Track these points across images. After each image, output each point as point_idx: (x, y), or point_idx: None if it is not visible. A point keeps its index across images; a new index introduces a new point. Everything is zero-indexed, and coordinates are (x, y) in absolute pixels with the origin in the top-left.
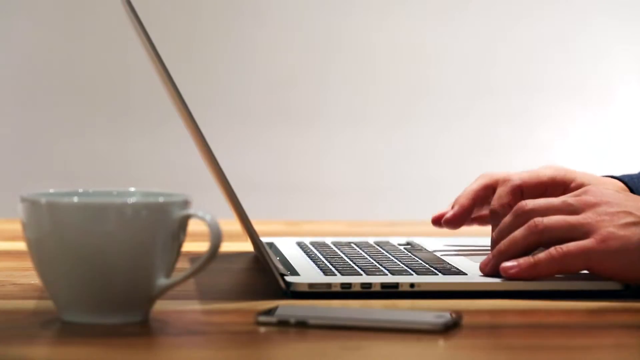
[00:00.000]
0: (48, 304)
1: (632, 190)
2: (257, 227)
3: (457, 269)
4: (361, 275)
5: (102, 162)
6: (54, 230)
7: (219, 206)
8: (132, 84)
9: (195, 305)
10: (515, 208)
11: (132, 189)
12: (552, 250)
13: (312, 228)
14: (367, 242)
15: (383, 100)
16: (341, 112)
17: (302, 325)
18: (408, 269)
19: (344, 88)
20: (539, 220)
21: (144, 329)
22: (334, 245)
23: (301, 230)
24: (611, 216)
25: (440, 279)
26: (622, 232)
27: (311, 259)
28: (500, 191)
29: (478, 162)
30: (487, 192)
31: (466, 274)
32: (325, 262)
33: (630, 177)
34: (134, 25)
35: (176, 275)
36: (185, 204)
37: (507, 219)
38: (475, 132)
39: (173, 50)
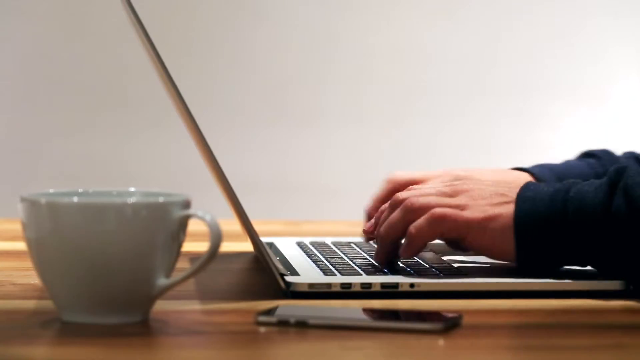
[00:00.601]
0: (48, 304)
1: (539, 181)
2: (257, 227)
3: (457, 269)
4: (361, 275)
5: (102, 162)
6: (54, 230)
7: (219, 206)
8: (132, 84)
9: (195, 305)
10: (390, 200)
11: (132, 189)
12: (435, 211)
13: (312, 228)
14: (367, 242)
15: (383, 100)
16: (341, 111)
17: (302, 325)
18: (408, 269)
19: (343, 88)
20: (415, 199)
21: (144, 329)
22: (334, 245)
23: (301, 230)
24: (484, 198)
25: (440, 279)
26: (496, 210)
27: (311, 259)
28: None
29: (477, 162)
30: (391, 196)
31: (466, 274)
32: (325, 262)
33: (541, 167)
34: (134, 25)
35: (176, 275)
36: (185, 204)
37: (385, 212)
38: (475, 131)
39: (173, 50)
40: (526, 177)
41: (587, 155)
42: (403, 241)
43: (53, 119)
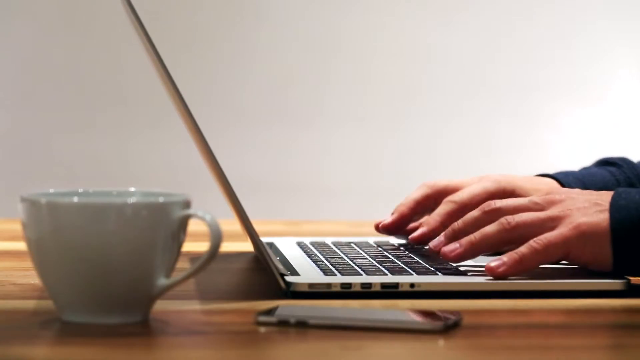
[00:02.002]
0: (48, 304)
1: (563, 186)
2: (257, 227)
3: (457, 269)
4: (361, 275)
5: (102, 162)
6: (54, 230)
7: (219, 206)
8: (132, 84)
9: (195, 305)
10: (483, 205)
11: (132, 189)
12: (533, 242)
13: (312, 228)
14: (367, 242)
15: (383, 100)
16: (341, 111)
17: (302, 325)
18: (408, 269)
19: (343, 88)
20: (510, 218)
21: (144, 329)
22: (334, 245)
23: (301, 230)
24: (578, 208)
25: (440, 279)
26: (592, 219)
27: (311, 259)
28: (440, 210)
29: (478, 162)
30: (427, 201)
31: (466, 274)
32: (325, 262)
33: (565, 174)
34: (134, 25)
35: (176, 275)
36: (185, 204)
37: (474, 213)
38: (475, 131)
39: (173, 50)
40: (555, 185)
41: (606, 162)
42: (506, 257)
43: (53, 119)
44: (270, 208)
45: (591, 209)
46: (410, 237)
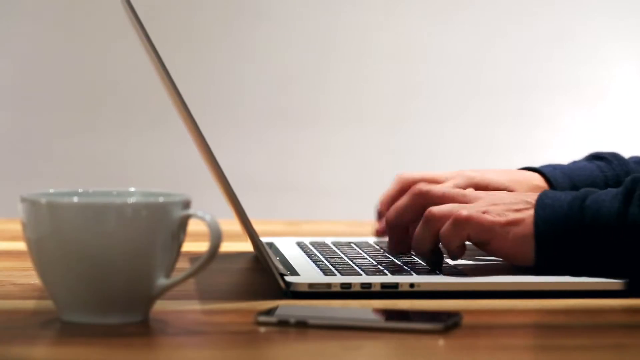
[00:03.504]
0: (48, 304)
1: (550, 182)
2: (257, 227)
3: (457, 269)
4: (361, 275)
5: (102, 162)
6: (54, 230)
7: (219, 206)
8: (132, 84)
9: (195, 305)
10: (412, 188)
11: (132, 189)
12: (460, 212)
13: (312, 228)
14: (367, 242)
15: (383, 100)
16: (341, 112)
17: (302, 325)
18: (408, 269)
19: (343, 88)
20: (434, 210)
21: (144, 329)
22: (334, 245)
23: (301, 230)
24: (504, 204)
25: (440, 279)
26: (518, 215)
27: (311, 259)
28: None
29: (477, 162)
30: (402, 195)
31: (466, 274)
32: (325, 262)
33: (553, 167)
34: (134, 25)
35: (176, 275)
36: (185, 204)
37: (403, 199)
38: (474, 131)
39: (173, 50)
40: (537, 178)
41: (596, 157)
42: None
43: (53, 119)
44: (270, 208)
45: (518, 205)
46: (375, 232)
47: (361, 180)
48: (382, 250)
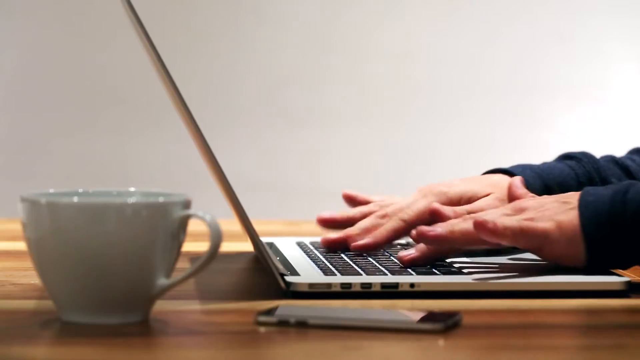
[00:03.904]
0: (48, 304)
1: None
2: (257, 227)
3: (457, 269)
4: (361, 275)
5: (102, 162)
6: (54, 230)
7: (219, 206)
8: (133, 84)
9: (195, 305)
10: (377, 212)
11: (132, 189)
12: (513, 224)
13: (312, 228)
14: None
15: (382, 100)
16: (341, 111)
17: (302, 325)
18: (408, 269)
19: (343, 88)
20: (494, 221)
21: (144, 329)
22: None
23: (301, 230)
24: (547, 209)
25: (440, 279)
26: (564, 217)
27: (311, 259)
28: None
29: (476, 162)
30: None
31: (466, 274)
32: (325, 262)
33: (523, 167)
34: (134, 25)
35: (176, 275)
36: (185, 204)
37: (369, 219)
38: (474, 131)
39: (173, 50)
40: (508, 180)
41: (566, 157)
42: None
43: (53, 119)
44: (270, 208)
45: (561, 207)
46: (353, 245)
47: (361, 180)
48: (382, 251)
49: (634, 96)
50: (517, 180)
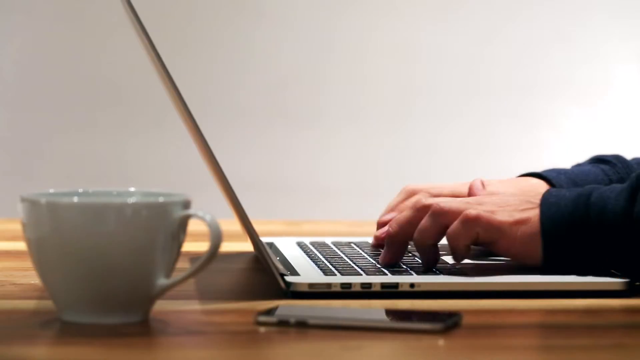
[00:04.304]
0: (48, 304)
1: (555, 187)
2: (257, 227)
3: (457, 269)
4: (361, 275)
5: (102, 162)
6: (54, 230)
7: (219, 206)
8: (133, 84)
9: (195, 305)
10: (413, 203)
11: (132, 189)
12: (468, 211)
13: (312, 228)
14: (367, 242)
15: (382, 100)
16: (341, 111)
17: (302, 325)
18: (408, 269)
19: (343, 88)
20: (442, 204)
21: (144, 329)
22: (334, 245)
23: (301, 230)
24: (509, 205)
25: (440, 279)
26: (524, 215)
27: (311, 259)
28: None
29: (476, 161)
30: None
31: (466, 274)
32: (325, 262)
33: (557, 172)
34: (134, 25)
35: (176, 275)
36: (185, 204)
37: (405, 213)
38: (474, 131)
39: (173, 50)
40: (542, 185)
41: (599, 160)
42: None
43: (53, 119)
44: (270, 208)
45: (521, 205)
46: (373, 244)
47: (361, 180)
48: (382, 251)
49: (634, 96)
50: (478, 182)
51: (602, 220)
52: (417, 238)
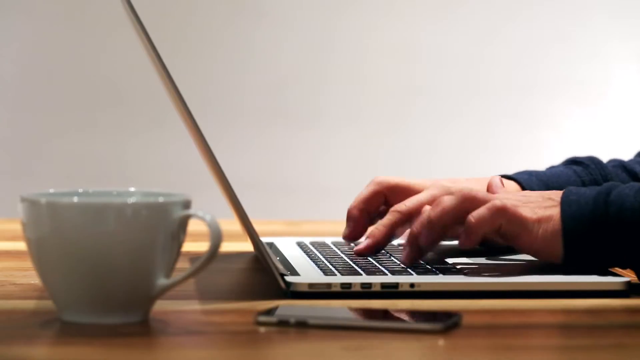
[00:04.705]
0: (48, 304)
1: (525, 189)
2: (257, 227)
3: (457, 268)
4: (361, 275)
5: (102, 162)
6: (54, 230)
7: (219, 206)
8: (132, 84)
9: (195, 305)
10: (434, 200)
11: (132, 189)
12: (496, 202)
13: (312, 228)
14: None
15: (382, 101)
16: (341, 111)
17: (302, 325)
18: (408, 269)
19: (342, 88)
20: (474, 191)
21: (144, 329)
22: (334, 245)
23: (301, 230)
24: (532, 201)
25: (440, 279)
26: (547, 212)
27: (311, 259)
28: (385, 221)
29: (476, 161)
30: (376, 197)
31: (466, 274)
32: (325, 262)
33: (529, 174)
34: (134, 25)
35: (176, 275)
36: (185, 204)
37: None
38: (474, 131)
39: (173, 50)
40: (513, 186)
41: (573, 162)
42: (461, 232)
43: (53, 119)
44: (270, 208)
45: (545, 202)
46: (355, 249)
47: (361, 180)
48: (382, 251)
49: (634, 96)
50: (497, 179)
51: (621, 218)
52: (435, 216)
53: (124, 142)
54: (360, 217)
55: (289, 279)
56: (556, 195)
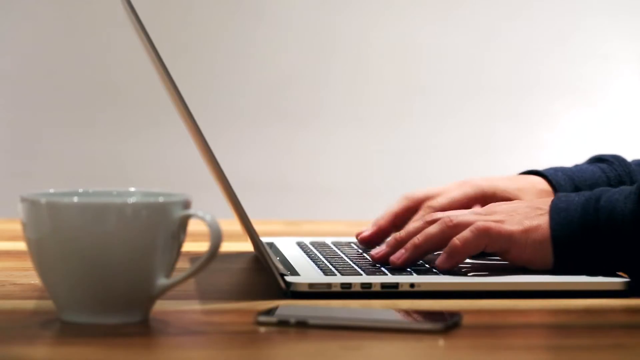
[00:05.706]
0: (48, 304)
1: (553, 185)
2: (257, 227)
3: (457, 269)
4: (361, 275)
5: (102, 162)
6: (54, 230)
7: (219, 206)
8: (132, 84)
9: (195, 305)
10: (425, 216)
11: (132, 189)
12: (478, 224)
13: (312, 228)
14: None
15: (382, 100)
16: (341, 111)
17: (302, 325)
18: (408, 269)
19: (342, 88)
20: (452, 217)
21: (144, 329)
22: (334, 245)
23: (301, 230)
24: (518, 213)
25: (440, 279)
26: (534, 222)
27: (311, 259)
28: (419, 217)
29: (476, 161)
30: (407, 214)
31: (466, 274)
32: (325, 262)
33: (555, 170)
34: (134, 25)
35: (176, 275)
36: (185, 204)
37: (416, 223)
38: (474, 131)
39: (173, 50)
40: (541, 182)
41: (598, 159)
42: (443, 252)
43: (53, 119)
44: (270, 208)
45: (530, 212)
46: (359, 237)
47: (361, 180)
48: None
49: (633, 96)
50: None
51: (612, 224)
52: (419, 241)
53: (124, 142)
54: (386, 227)
55: (289, 279)
56: (544, 204)
